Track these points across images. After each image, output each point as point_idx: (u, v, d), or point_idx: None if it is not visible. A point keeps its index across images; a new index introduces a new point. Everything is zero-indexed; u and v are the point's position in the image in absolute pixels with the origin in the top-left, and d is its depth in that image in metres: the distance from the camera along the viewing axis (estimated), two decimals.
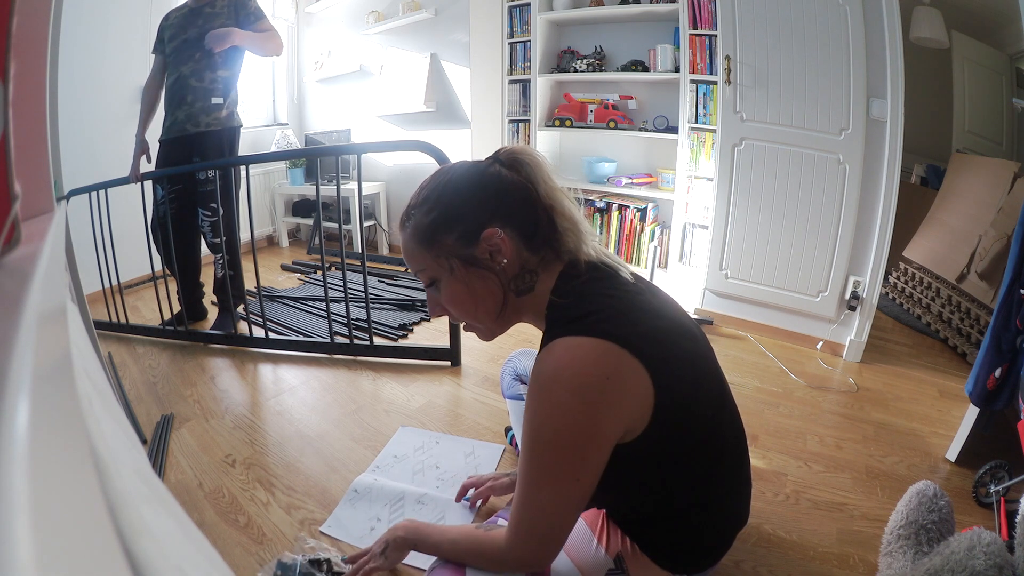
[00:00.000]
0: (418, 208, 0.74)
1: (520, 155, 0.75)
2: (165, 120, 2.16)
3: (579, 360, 0.64)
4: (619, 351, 0.63)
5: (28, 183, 0.67)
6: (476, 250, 0.71)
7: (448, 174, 0.75)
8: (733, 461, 0.81)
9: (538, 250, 0.74)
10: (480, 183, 0.73)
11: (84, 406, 0.31)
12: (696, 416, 0.72)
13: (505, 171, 0.74)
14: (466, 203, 0.72)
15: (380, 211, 3.70)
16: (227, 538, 1.15)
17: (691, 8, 2.44)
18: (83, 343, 0.62)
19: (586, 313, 0.67)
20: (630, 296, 0.72)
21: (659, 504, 0.77)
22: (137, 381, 1.90)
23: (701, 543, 0.81)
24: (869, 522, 1.18)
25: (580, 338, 0.65)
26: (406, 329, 2.30)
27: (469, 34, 2.98)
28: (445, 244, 0.72)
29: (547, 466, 0.66)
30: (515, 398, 1.21)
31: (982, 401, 1.28)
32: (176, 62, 2.10)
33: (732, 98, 2.12)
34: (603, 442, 0.66)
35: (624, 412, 0.65)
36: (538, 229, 0.73)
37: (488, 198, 0.72)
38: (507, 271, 0.72)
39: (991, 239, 2.03)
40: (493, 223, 0.71)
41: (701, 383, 0.74)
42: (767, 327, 2.19)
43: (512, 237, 0.72)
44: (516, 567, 0.74)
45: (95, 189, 2.19)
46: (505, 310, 0.75)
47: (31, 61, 0.77)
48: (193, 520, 0.47)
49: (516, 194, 0.73)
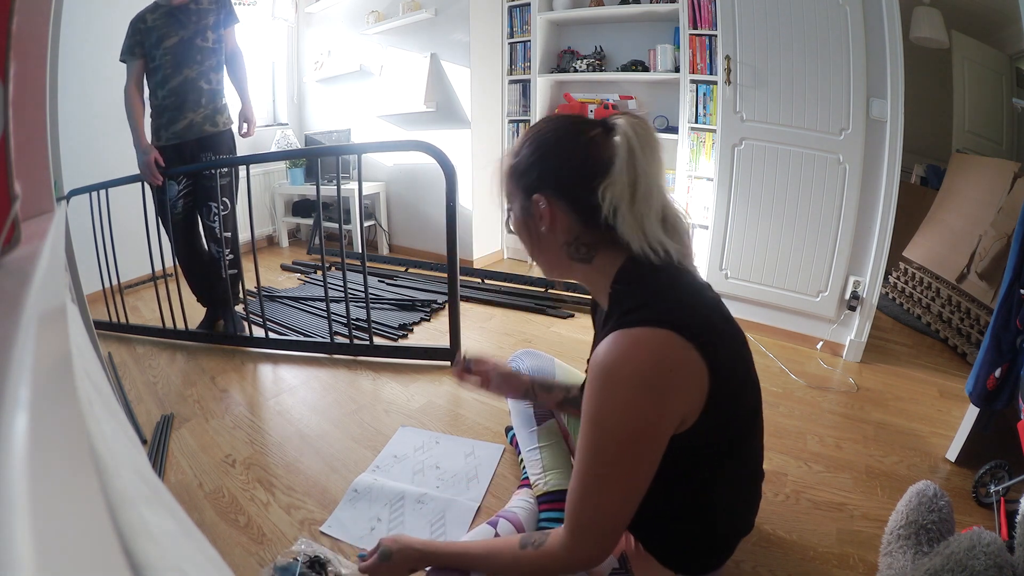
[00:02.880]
0: (516, 149, 0.77)
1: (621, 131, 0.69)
2: (174, 123, 2.11)
3: (644, 352, 0.63)
4: (683, 342, 0.63)
5: (28, 183, 0.67)
6: (530, 206, 0.75)
7: (546, 129, 0.75)
8: (755, 465, 0.84)
9: (597, 228, 0.72)
10: (556, 148, 0.73)
11: (84, 406, 0.31)
12: (737, 415, 0.73)
13: (601, 139, 0.71)
14: (535, 163, 0.74)
15: (380, 211, 3.70)
16: (227, 538, 1.15)
17: (691, 8, 2.45)
18: (83, 343, 0.62)
19: (650, 301, 0.67)
20: (693, 291, 0.72)
21: (678, 501, 0.77)
22: (137, 381, 1.90)
23: (707, 545, 0.81)
24: (869, 522, 1.18)
25: (645, 329, 0.64)
26: (406, 329, 2.30)
27: (469, 34, 2.98)
28: (514, 188, 0.77)
29: (611, 459, 0.66)
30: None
31: (982, 401, 1.28)
32: (177, 64, 2.07)
33: (732, 98, 2.12)
34: (664, 433, 0.66)
35: (684, 403, 0.66)
36: (594, 211, 0.70)
37: (553, 166, 0.73)
38: (556, 236, 0.74)
39: (991, 239, 2.03)
40: (544, 189, 0.73)
41: (746, 385, 0.75)
42: (767, 327, 2.19)
43: (564, 210, 0.73)
44: (581, 568, 0.73)
45: (95, 189, 2.19)
46: (555, 265, 0.78)
47: (31, 61, 0.77)
48: (193, 520, 0.47)
49: (586, 170, 0.70)
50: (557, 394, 1.11)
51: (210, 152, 2.17)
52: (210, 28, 2.11)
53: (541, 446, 1.15)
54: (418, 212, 3.57)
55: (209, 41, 2.11)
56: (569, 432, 1.17)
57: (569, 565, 0.72)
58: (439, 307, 2.56)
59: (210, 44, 2.12)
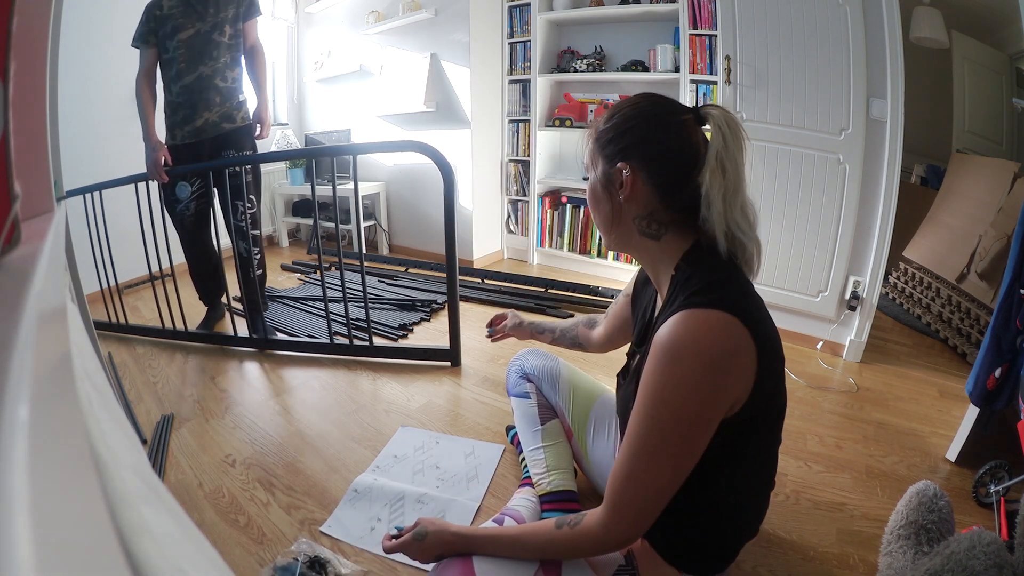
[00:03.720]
0: (609, 116, 0.78)
1: (716, 121, 0.72)
2: (189, 122, 2.04)
3: (712, 332, 0.65)
4: (742, 327, 0.65)
5: (28, 183, 0.67)
6: (612, 172, 0.76)
7: (644, 102, 0.77)
8: (770, 473, 0.86)
9: (674, 208, 0.74)
10: (650, 123, 0.75)
11: (84, 406, 0.31)
12: (767, 415, 0.75)
13: (690, 125, 0.74)
14: (628, 133, 0.75)
15: (380, 211, 3.70)
16: (227, 538, 1.15)
17: (691, 8, 2.45)
18: (83, 343, 0.62)
19: (717, 287, 0.69)
20: (751, 288, 0.75)
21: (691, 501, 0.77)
22: (137, 381, 1.90)
23: (715, 547, 0.81)
24: (869, 522, 1.18)
25: (710, 311, 0.66)
26: (406, 329, 2.30)
27: (469, 34, 2.98)
28: (598, 154, 0.78)
29: (668, 435, 0.67)
30: (520, 396, 1.21)
31: (982, 401, 1.28)
32: (192, 59, 1.98)
33: (732, 98, 2.12)
34: (719, 415, 0.67)
35: (739, 389, 0.67)
36: (679, 192, 0.73)
37: (645, 138, 0.74)
38: (631, 206, 0.76)
39: (991, 239, 2.03)
40: (631, 159, 0.74)
41: (779, 388, 0.77)
42: None
43: (646, 182, 0.74)
44: (617, 546, 0.73)
45: (90, 191, 2.17)
46: (622, 236, 0.79)
47: (31, 61, 0.77)
48: (193, 520, 0.47)
49: (677, 151, 0.73)
50: (546, 336, 1.30)
51: (231, 149, 2.11)
52: (229, 22, 2.02)
53: (545, 446, 1.15)
54: (418, 212, 3.57)
55: (227, 36, 2.03)
56: (573, 431, 1.17)
57: (604, 543, 0.72)
58: (439, 307, 2.56)
59: (227, 39, 2.03)
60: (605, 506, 0.72)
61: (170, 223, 2.18)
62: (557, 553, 0.77)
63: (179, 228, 2.19)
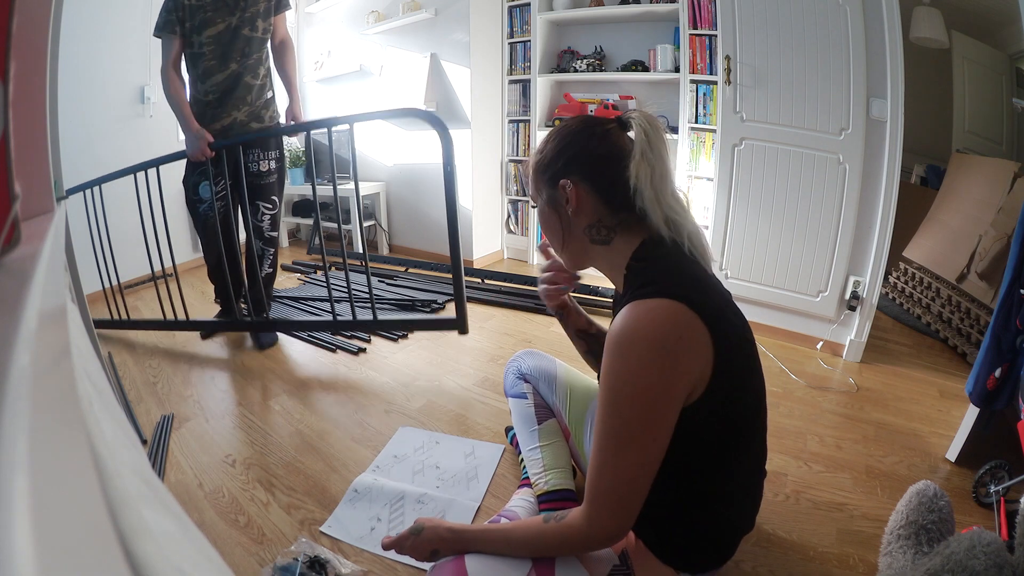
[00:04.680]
0: (542, 146, 0.85)
1: (637, 122, 0.78)
2: (216, 120, 1.97)
3: (657, 319, 0.69)
4: (689, 312, 0.69)
5: (28, 183, 0.67)
6: (556, 193, 0.82)
7: (571, 123, 0.84)
8: (758, 463, 0.86)
9: (617, 211, 0.80)
10: (579, 139, 0.81)
11: (84, 406, 0.31)
12: (742, 401, 0.76)
13: (616, 132, 0.81)
14: (560, 153, 0.82)
15: (380, 211, 3.70)
16: (227, 538, 1.15)
17: (691, 8, 2.45)
18: (83, 343, 0.62)
19: (662, 277, 0.73)
20: (701, 275, 0.78)
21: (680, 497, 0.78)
22: (137, 381, 1.90)
23: (708, 543, 0.81)
24: (869, 522, 1.18)
25: (656, 300, 0.70)
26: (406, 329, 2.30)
27: (469, 34, 2.98)
28: (540, 181, 0.84)
29: (627, 423, 0.69)
30: (517, 397, 1.21)
31: (982, 401, 1.28)
32: (222, 56, 1.91)
33: (732, 98, 2.12)
34: (677, 399, 0.70)
35: (693, 371, 0.70)
36: (616, 192, 0.78)
37: (578, 153, 0.81)
38: (580, 219, 0.81)
39: (991, 239, 2.03)
40: (571, 175, 0.80)
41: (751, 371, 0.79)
42: (767, 327, 2.19)
43: (588, 191, 0.80)
44: (602, 542, 0.74)
45: (89, 186, 2.15)
46: (576, 250, 0.85)
47: (31, 61, 0.77)
48: (193, 520, 0.47)
49: (608, 155, 0.79)
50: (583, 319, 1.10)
51: (258, 149, 2.05)
52: (260, 16, 1.95)
53: (542, 445, 1.15)
54: (418, 212, 3.57)
55: (259, 31, 1.96)
56: (570, 431, 1.17)
57: (588, 537, 0.73)
58: (439, 307, 2.56)
59: (259, 34, 1.97)
60: (585, 500, 0.74)
61: (168, 221, 2.16)
62: (546, 547, 0.77)
63: (200, 229, 2.13)
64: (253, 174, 2.06)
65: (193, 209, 2.12)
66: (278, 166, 2.11)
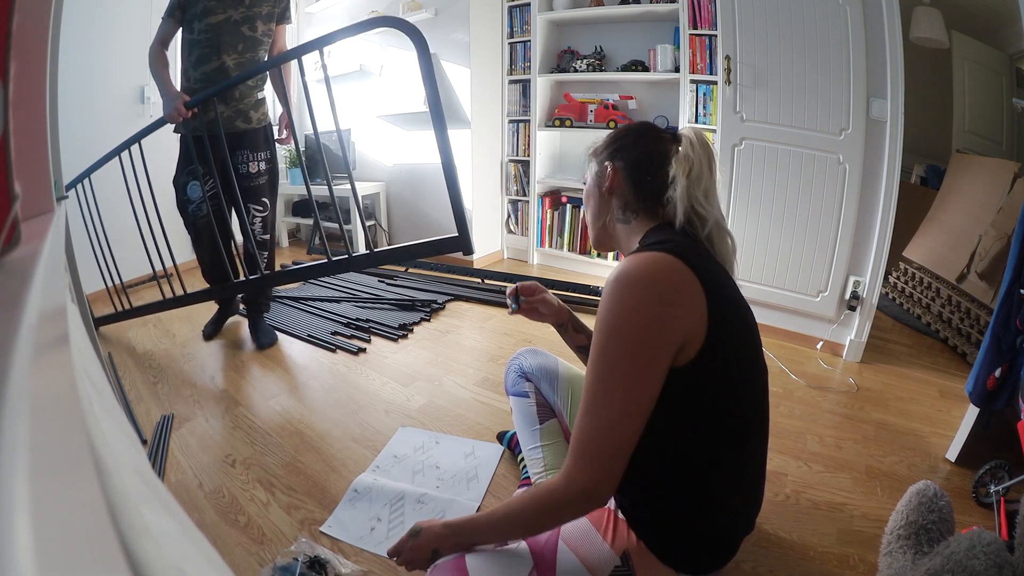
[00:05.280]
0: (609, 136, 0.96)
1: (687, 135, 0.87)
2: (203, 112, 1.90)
3: (654, 266, 0.73)
4: (685, 267, 0.72)
5: (28, 183, 0.67)
6: (600, 171, 0.93)
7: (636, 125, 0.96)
8: (758, 464, 0.86)
9: (644, 200, 0.89)
10: (633, 135, 0.93)
11: (84, 406, 0.31)
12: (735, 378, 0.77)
13: (668, 141, 0.90)
14: (615, 141, 0.94)
15: (380, 211, 3.70)
16: (227, 538, 1.15)
17: (691, 8, 2.45)
18: (83, 343, 0.62)
19: (662, 241, 0.79)
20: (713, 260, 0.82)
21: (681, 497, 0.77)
22: (137, 381, 1.90)
23: (709, 543, 0.81)
24: (869, 522, 1.18)
25: (652, 252, 0.74)
26: (406, 329, 2.30)
27: (469, 34, 2.98)
28: (595, 160, 0.96)
29: (619, 362, 0.71)
30: (519, 395, 1.21)
31: (982, 401, 1.28)
32: (215, 46, 1.88)
33: (732, 98, 2.12)
34: (668, 345, 0.71)
35: (686, 323, 0.71)
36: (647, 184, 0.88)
37: (627, 145, 0.92)
38: (612, 199, 0.92)
39: (991, 239, 2.03)
40: (615, 160, 0.91)
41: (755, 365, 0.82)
42: (767, 327, 2.19)
43: (624, 178, 0.90)
44: (580, 500, 0.71)
45: (79, 180, 2.13)
46: (605, 225, 0.94)
47: (31, 61, 0.77)
48: (193, 520, 0.47)
49: (651, 154, 0.89)
50: (582, 337, 1.18)
51: (247, 150, 2.03)
52: (262, 18, 1.94)
53: (543, 445, 1.15)
54: (418, 212, 3.57)
55: (258, 31, 1.95)
56: (571, 431, 1.17)
57: (568, 493, 0.71)
58: (439, 307, 2.56)
59: (258, 35, 1.96)
60: (569, 456, 0.72)
61: (166, 221, 2.14)
62: (528, 516, 0.75)
63: (191, 230, 2.11)
64: (242, 175, 2.03)
65: (183, 210, 2.10)
66: (268, 167, 2.09)
